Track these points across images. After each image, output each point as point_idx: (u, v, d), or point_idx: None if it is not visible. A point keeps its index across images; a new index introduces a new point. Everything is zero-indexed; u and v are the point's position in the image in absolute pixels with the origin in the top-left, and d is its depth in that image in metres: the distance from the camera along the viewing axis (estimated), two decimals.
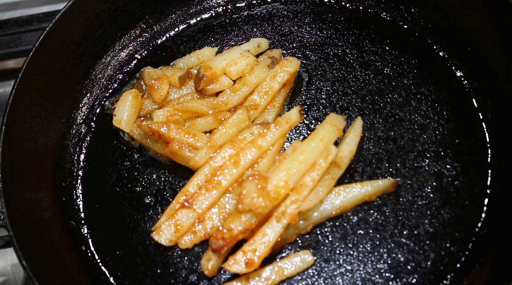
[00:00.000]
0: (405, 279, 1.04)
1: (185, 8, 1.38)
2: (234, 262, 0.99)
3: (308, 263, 1.06)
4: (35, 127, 1.16)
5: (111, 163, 1.21)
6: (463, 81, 1.23)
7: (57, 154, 1.21)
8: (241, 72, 1.21)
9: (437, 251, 1.06)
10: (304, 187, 1.03)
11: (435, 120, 1.19)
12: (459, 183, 1.12)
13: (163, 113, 1.18)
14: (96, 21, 1.27)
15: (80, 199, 1.19)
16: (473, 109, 1.20)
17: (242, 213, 1.01)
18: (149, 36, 1.36)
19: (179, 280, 1.08)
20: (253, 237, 1.01)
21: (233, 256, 1.00)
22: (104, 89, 1.30)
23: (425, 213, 1.09)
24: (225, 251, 1.04)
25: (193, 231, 1.08)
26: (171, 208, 1.11)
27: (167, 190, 1.17)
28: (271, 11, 1.37)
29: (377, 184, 1.09)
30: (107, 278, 1.10)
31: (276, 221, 1.01)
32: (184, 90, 1.24)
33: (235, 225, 1.01)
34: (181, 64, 1.29)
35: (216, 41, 1.34)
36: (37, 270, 0.97)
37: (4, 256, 1.28)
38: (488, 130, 1.17)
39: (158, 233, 1.09)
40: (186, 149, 1.14)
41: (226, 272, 1.06)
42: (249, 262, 0.99)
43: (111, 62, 1.33)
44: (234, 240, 1.02)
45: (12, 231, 0.99)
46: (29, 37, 1.45)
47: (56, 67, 1.21)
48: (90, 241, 1.14)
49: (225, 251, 1.04)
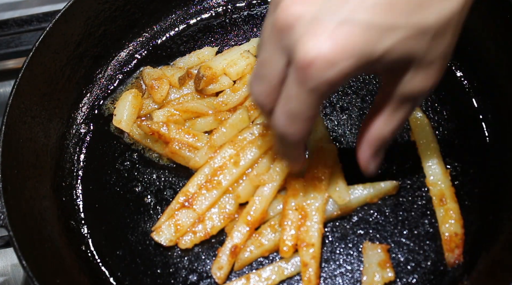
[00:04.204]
0: (405, 279, 1.04)
1: (185, 8, 1.38)
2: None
3: None
4: (35, 127, 1.16)
5: (111, 163, 1.21)
6: (463, 81, 1.23)
7: (57, 154, 1.21)
8: (241, 72, 1.21)
9: (437, 251, 1.06)
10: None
11: (435, 120, 1.19)
12: (459, 183, 1.12)
13: (163, 113, 1.18)
14: (96, 21, 1.27)
15: (80, 199, 1.19)
16: (473, 109, 1.20)
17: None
18: (149, 36, 1.36)
19: (179, 280, 1.08)
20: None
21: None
22: (104, 89, 1.30)
23: (425, 213, 1.09)
24: (235, 256, 1.05)
25: (193, 231, 1.08)
26: (171, 208, 1.11)
27: (167, 190, 1.17)
28: None
29: (379, 186, 1.09)
30: (107, 278, 1.10)
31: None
32: (184, 90, 1.24)
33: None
34: (181, 64, 1.29)
35: (216, 41, 1.34)
36: (37, 270, 0.97)
37: (4, 256, 1.28)
38: (488, 130, 1.17)
39: (158, 233, 1.09)
40: (186, 149, 1.14)
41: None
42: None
43: (111, 62, 1.33)
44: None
45: (12, 231, 0.99)
46: (29, 37, 1.45)
47: (56, 67, 1.21)
48: (90, 241, 1.14)
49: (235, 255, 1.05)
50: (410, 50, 0.69)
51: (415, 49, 0.70)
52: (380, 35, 0.66)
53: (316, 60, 0.66)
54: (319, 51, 0.66)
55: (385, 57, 0.69)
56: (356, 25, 0.66)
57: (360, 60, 0.67)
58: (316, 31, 0.66)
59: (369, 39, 0.66)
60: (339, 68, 0.66)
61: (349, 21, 0.65)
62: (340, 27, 0.66)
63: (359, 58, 0.67)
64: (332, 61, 0.66)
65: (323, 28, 0.66)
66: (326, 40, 0.66)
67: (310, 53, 0.66)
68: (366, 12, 0.66)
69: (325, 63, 0.66)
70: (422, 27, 0.68)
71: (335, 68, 0.66)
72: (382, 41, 0.67)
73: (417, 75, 0.74)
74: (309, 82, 0.68)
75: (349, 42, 0.66)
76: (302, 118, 0.75)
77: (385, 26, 0.66)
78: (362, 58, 0.67)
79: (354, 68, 0.67)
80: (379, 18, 0.66)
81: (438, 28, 0.69)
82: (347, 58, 0.66)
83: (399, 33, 0.67)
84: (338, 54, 0.66)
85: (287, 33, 0.69)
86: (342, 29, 0.65)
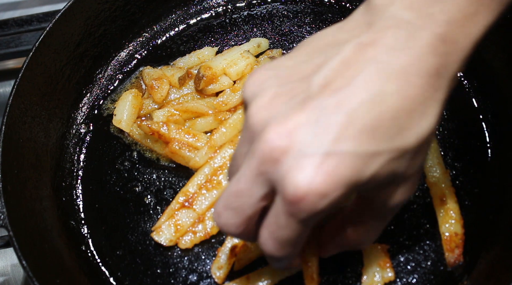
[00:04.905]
0: (405, 279, 1.04)
1: (185, 8, 1.38)
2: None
3: None
4: (35, 127, 1.16)
5: (111, 163, 1.21)
6: (463, 81, 1.23)
7: (57, 154, 1.21)
8: (241, 72, 1.21)
9: (437, 251, 1.06)
10: None
11: None
12: (459, 183, 1.12)
13: (163, 113, 1.18)
14: (96, 21, 1.27)
15: (80, 199, 1.19)
16: (473, 109, 1.20)
17: None
18: (149, 36, 1.36)
19: (179, 280, 1.08)
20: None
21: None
22: (104, 89, 1.30)
23: (425, 213, 1.09)
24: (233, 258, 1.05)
25: (193, 231, 1.08)
26: (171, 208, 1.11)
27: (167, 190, 1.17)
28: (271, 11, 1.37)
29: None
30: (107, 278, 1.10)
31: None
32: (184, 90, 1.24)
33: None
34: (181, 64, 1.29)
35: (216, 41, 1.34)
36: (37, 270, 0.97)
37: (4, 256, 1.28)
38: (488, 130, 1.17)
39: (158, 233, 1.09)
40: (186, 149, 1.14)
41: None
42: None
43: (111, 62, 1.33)
44: None
45: (12, 231, 0.99)
46: (29, 37, 1.45)
47: (56, 67, 1.21)
48: (90, 241, 1.14)
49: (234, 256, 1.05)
50: (393, 171, 0.71)
51: (398, 169, 0.71)
52: (366, 162, 0.67)
53: (308, 195, 0.66)
54: (310, 186, 0.66)
55: (372, 181, 0.70)
56: (342, 155, 0.66)
57: (349, 188, 0.68)
58: (303, 164, 0.66)
59: (357, 167, 0.67)
60: (331, 198, 0.67)
61: (335, 152, 0.66)
62: (327, 159, 0.66)
63: (348, 186, 0.68)
64: (323, 194, 0.66)
65: (310, 161, 0.66)
66: (315, 173, 0.66)
67: (300, 187, 0.66)
68: (349, 141, 0.66)
69: (317, 196, 0.66)
70: (403, 149, 0.69)
71: (326, 199, 0.67)
72: (369, 167, 0.68)
73: (398, 189, 0.76)
74: (300, 214, 0.69)
75: (338, 173, 0.66)
76: (293, 244, 0.75)
77: (370, 153, 0.67)
78: (352, 185, 0.68)
79: (344, 195, 0.68)
80: (363, 146, 0.67)
81: (417, 147, 0.71)
82: (337, 188, 0.67)
83: (384, 158, 0.68)
84: (329, 186, 0.66)
85: (271, 166, 0.69)
86: (330, 161, 0.66)
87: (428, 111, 0.70)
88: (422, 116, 0.70)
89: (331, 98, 0.68)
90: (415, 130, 0.70)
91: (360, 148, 0.67)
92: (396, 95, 0.68)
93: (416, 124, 0.70)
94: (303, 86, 0.71)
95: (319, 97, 0.68)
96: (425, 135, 0.71)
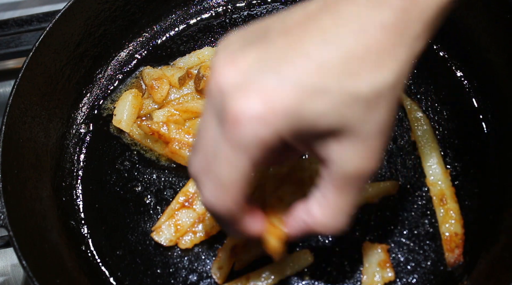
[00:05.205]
0: (405, 279, 1.04)
1: (185, 8, 1.38)
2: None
3: (308, 262, 1.05)
4: (35, 127, 1.16)
5: (111, 163, 1.21)
6: (463, 81, 1.23)
7: (57, 154, 1.21)
8: None
9: (437, 251, 1.06)
10: None
11: (435, 120, 1.19)
12: (459, 183, 1.12)
13: (163, 113, 1.18)
14: (96, 21, 1.27)
15: (80, 199, 1.19)
16: (473, 109, 1.20)
17: None
18: (149, 36, 1.36)
19: (179, 280, 1.08)
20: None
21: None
22: (104, 89, 1.30)
23: (425, 213, 1.09)
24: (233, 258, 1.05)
25: (193, 231, 1.09)
26: (171, 208, 1.11)
27: (167, 190, 1.17)
28: (271, 11, 1.37)
29: (379, 186, 1.09)
30: (107, 278, 1.10)
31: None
32: (184, 90, 1.24)
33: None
34: (181, 64, 1.29)
35: (216, 41, 1.34)
36: (37, 270, 0.97)
37: (4, 256, 1.28)
38: (488, 130, 1.17)
39: (158, 233, 1.09)
40: (186, 149, 1.14)
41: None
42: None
43: (111, 62, 1.33)
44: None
45: (12, 231, 0.99)
46: (29, 37, 1.45)
47: (56, 67, 1.21)
48: (90, 241, 1.14)
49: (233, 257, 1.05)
50: (343, 117, 0.69)
51: (349, 117, 0.69)
52: (311, 96, 0.67)
53: (246, 115, 0.66)
54: (249, 107, 0.66)
55: (319, 122, 0.68)
56: (285, 84, 0.66)
57: (292, 121, 0.67)
58: (246, 90, 0.67)
59: (300, 98, 0.67)
60: (272, 128, 0.66)
61: (279, 81, 0.66)
62: (270, 86, 0.66)
63: (291, 119, 0.67)
64: (263, 118, 0.66)
65: (253, 87, 0.67)
66: (255, 97, 0.66)
67: (239, 109, 0.66)
68: (295, 73, 0.67)
69: (256, 119, 0.66)
70: (353, 93, 0.68)
71: (267, 127, 0.66)
72: (314, 102, 0.67)
73: (355, 149, 0.72)
74: (239, 139, 0.68)
75: (280, 100, 0.66)
76: (231, 186, 0.71)
77: (317, 88, 0.67)
78: (295, 119, 0.67)
79: (287, 130, 0.67)
80: (310, 79, 0.67)
81: (370, 98, 0.69)
82: (279, 117, 0.66)
83: (331, 97, 0.67)
84: (269, 112, 0.66)
85: (218, 95, 0.69)
86: (272, 88, 0.66)
87: (384, 65, 0.69)
88: (376, 68, 0.69)
89: (286, 39, 0.69)
90: (368, 79, 0.68)
91: (307, 80, 0.67)
92: (348, 39, 0.68)
93: (368, 73, 0.69)
94: (262, 33, 0.72)
95: (274, 39, 0.70)
96: (380, 88, 0.69)
